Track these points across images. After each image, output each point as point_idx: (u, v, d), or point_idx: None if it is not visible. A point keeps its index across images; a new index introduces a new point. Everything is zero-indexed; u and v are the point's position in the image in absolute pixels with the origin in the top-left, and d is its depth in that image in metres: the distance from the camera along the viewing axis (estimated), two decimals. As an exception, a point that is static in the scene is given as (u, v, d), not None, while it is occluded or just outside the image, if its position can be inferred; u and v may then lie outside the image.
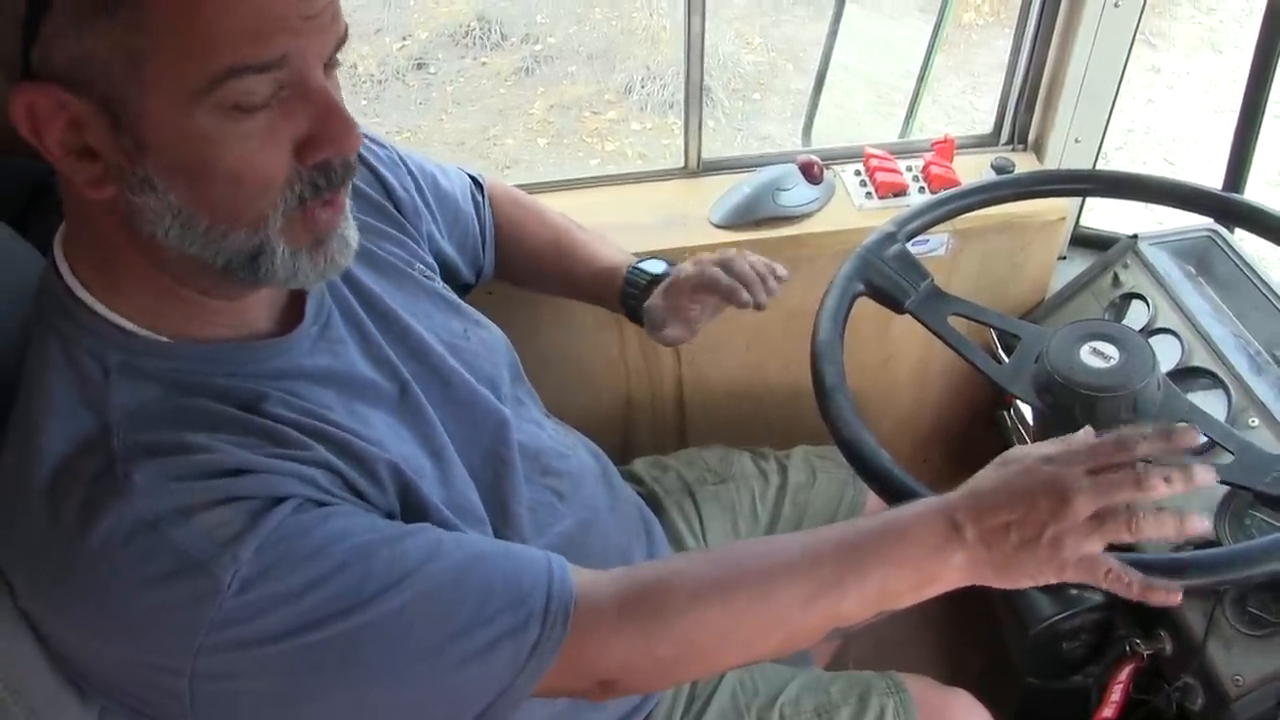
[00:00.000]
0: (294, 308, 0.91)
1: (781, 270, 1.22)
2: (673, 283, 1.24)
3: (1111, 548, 0.81)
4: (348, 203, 0.83)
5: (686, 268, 1.23)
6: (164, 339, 0.81)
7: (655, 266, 1.28)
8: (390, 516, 0.86)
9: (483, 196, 1.30)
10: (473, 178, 1.30)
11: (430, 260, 1.12)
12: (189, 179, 0.73)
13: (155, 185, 0.73)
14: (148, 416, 0.78)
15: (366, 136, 1.11)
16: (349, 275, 0.96)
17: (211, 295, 0.82)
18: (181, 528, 0.73)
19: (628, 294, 1.28)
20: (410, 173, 1.15)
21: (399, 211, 1.10)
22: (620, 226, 1.49)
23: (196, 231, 0.75)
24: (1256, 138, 1.53)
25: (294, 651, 0.75)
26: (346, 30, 0.77)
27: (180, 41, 0.68)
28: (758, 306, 1.18)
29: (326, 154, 0.76)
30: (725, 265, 1.20)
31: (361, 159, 1.07)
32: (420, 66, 5.06)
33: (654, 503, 1.39)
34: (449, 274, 1.21)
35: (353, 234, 0.84)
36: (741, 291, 1.18)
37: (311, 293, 0.91)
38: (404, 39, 5.17)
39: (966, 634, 2.05)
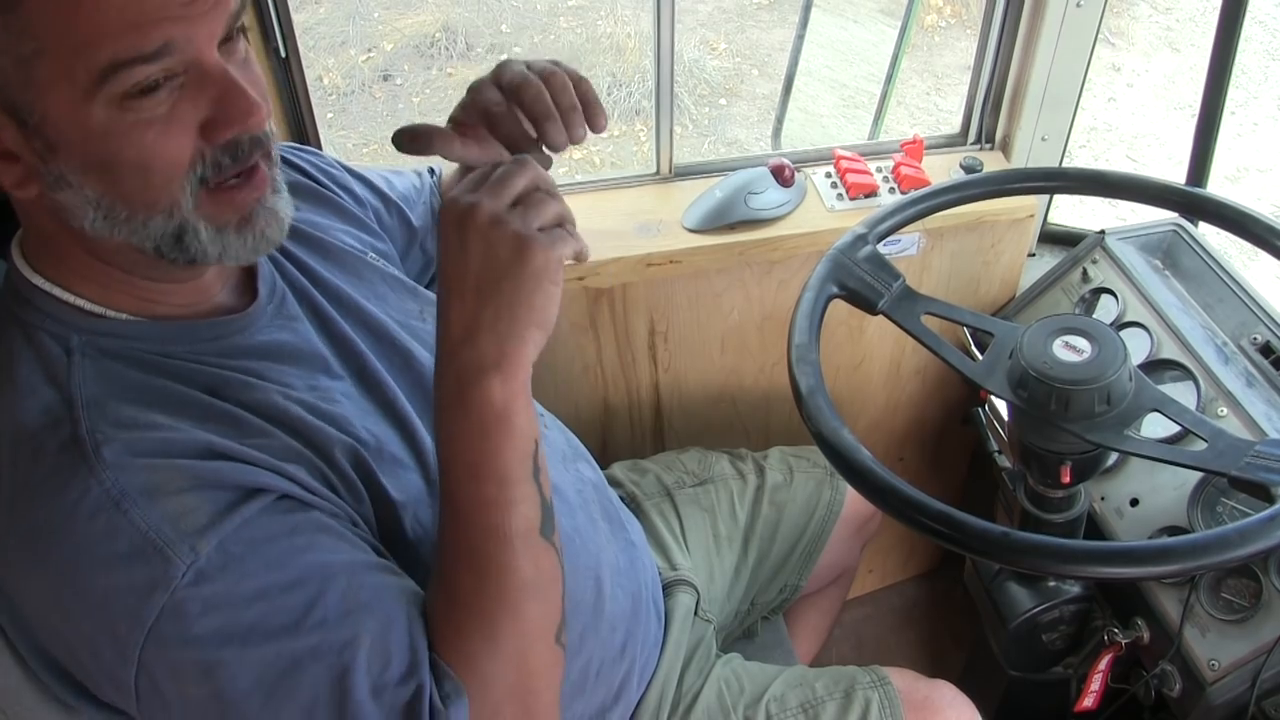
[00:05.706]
0: (249, 286, 0.92)
1: (593, 97, 0.90)
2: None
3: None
4: (277, 176, 0.83)
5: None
6: (124, 317, 0.82)
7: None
8: (355, 498, 0.86)
9: (435, 180, 1.29)
10: (429, 169, 1.30)
11: (386, 247, 1.13)
12: (99, 172, 0.74)
13: (70, 181, 0.74)
14: (112, 391, 0.78)
15: (306, 153, 1.12)
16: (299, 261, 0.98)
17: (158, 279, 0.83)
18: (146, 509, 0.73)
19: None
20: (358, 177, 1.16)
21: (344, 201, 1.11)
22: (594, 232, 1.50)
23: (118, 220, 0.76)
24: (1217, 134, 1.55)
25: (232, 660, 0.74)
26: (242, 1, 0.76)
27: (62, 41, 0.69)
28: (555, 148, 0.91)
29: (231, 132, 0.76)
30: (513, 89, 0.88)
31: (294, 165, 1.08)
32: (386, 78, 5.03)
33: (633, 506, 1.39)
34: (420, 270, 1.23)
35: (285, 207, 0.83)
36: (526, 140, 0.91)
37: (261, 271, 0.92)
38: (369, 51, 5.15)
39: (947, 631, 2.07)
